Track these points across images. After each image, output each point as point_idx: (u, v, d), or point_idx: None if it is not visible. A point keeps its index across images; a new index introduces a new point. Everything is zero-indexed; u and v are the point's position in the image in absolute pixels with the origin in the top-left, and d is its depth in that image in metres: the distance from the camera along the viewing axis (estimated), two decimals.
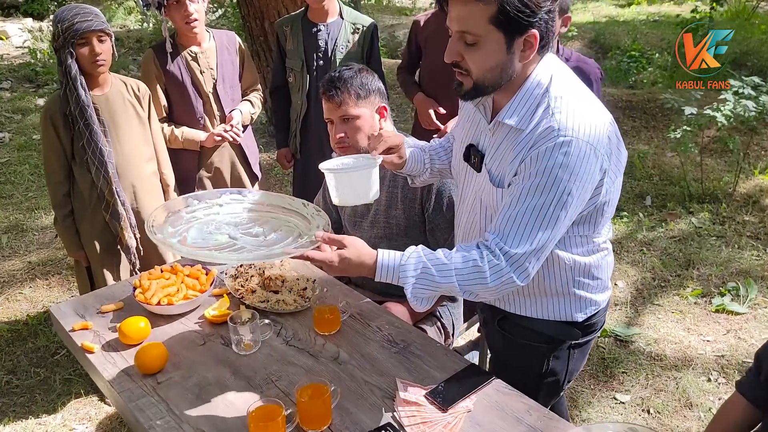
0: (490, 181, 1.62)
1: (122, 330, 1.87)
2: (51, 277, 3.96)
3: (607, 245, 1.72)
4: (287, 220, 1.73)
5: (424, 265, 1.54)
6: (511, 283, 1.52)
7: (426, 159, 1.95)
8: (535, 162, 1.48)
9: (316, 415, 1.55)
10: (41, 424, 2.85)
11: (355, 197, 1.74)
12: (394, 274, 1.54)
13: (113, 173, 2.61)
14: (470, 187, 1.74)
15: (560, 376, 1.81)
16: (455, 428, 1.56)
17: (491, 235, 1.54)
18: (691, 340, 3.26)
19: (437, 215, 2.18)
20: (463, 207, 1.79)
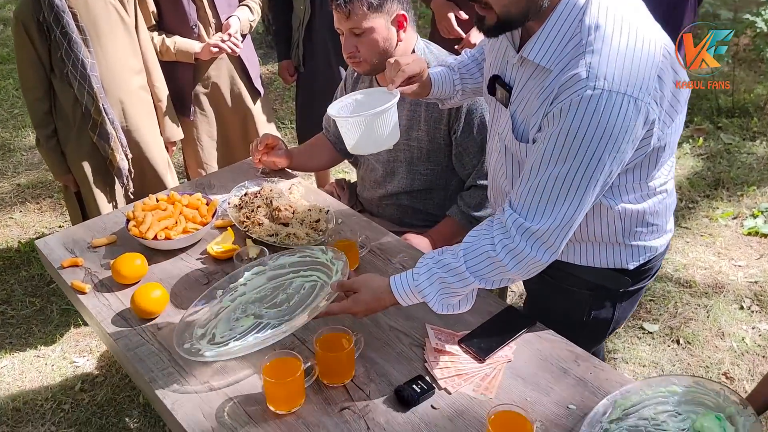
0: (512, 131, 1.39)
1: (116, 268, 1.67)
2: (42, 201, 3.74)
3: (666, 186, 1.46)
4: (309, 276, 1.60)
5: (438, 277, 1.34)
6: (535, 263, 1.31)
7: (455, 79, 1.69)
8: (558, 120, 1.22)
9: (338, 368, 1.37)
10: (40, 357, 2.71)
11: (371, 145, 1.53)
12: (413, 295, 1.37)
13: (98, 88, 2.34)
14: (497, 124, 1.50)
15: (603, 326, 1.62)
16: (494, 381, 1.38)
17: (508, 210, 1.31)
18: (722, 266, 3.08)
19: (466, 138, 1.93)
20: (492, 144, 1.56)
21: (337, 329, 1.40)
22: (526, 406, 1.32)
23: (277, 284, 1.60)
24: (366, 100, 1.62)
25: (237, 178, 2.17)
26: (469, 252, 1.33)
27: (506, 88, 1.41)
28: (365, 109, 1.56)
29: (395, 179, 2.06)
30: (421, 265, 1.37)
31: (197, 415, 1.33)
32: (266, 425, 1.30)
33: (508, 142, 1.42)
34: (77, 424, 2.41)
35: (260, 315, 1.52)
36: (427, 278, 1.35)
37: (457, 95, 1.72)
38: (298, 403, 1.33)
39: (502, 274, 1.33)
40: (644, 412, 1.28)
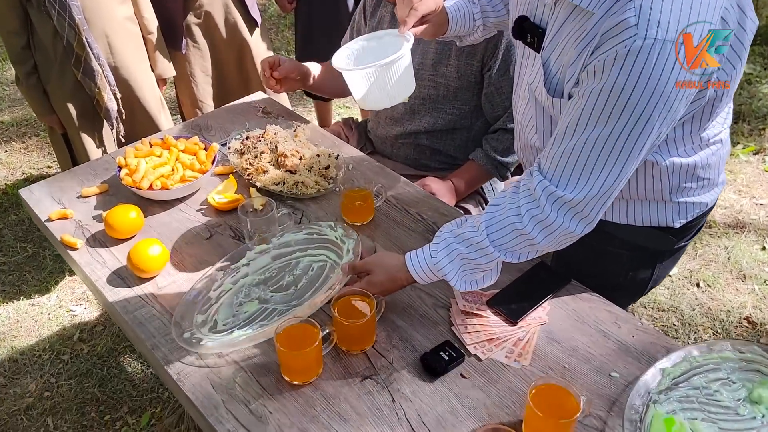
0: (544, 83, 1.21)
1: (109, 222, 1.53)
2: (28, 140, 3.55)
3: (721, 136, 1.29)
4: (317, 255, 1.44)
5: (459, 253, 1.21)
6: (567, 235, 1.16)
7: (476, 13, 1.50)
8: (600, 74, 1.04)
9: (358, 334, 1.25)
10: (35, 305, 2.61)
11: (385, 99, 1.37)
12: (432, 273, 1.24)
13: (80, 19, 2.13)
14: (526, 71, 1.31)
15: (641, 286, 1.49)
16: (528, 347, 1.27)
17: (537, 175, 1.15)
18: (743, 204, 2.96)
19: (501, 77, 1.75)
20: (519, 93, 1.38)
21: (356, 291, 1.28)
22: (565, 374, 1.21)
23: (283, 264, 1.45)
24: (375, 46, 1.44)
25: (236, 118, 1.99)
26: (492, 223, 1.18)
27: (537, 30, 1.23)
28: (375, 56, 1.38)
29: (417, 117, 1.88)
30: (438, 240, 1.24)
31: (206, 386, 1.22)
32: (281, 397, 1.19)
33: (539, 93, 1.25)
34: (78, 375, 2.33)
35: (266, 299, 1.37)
36: (447, 254, 1.21)
37: (478, 31, 1.53)
38: (315, 373, 1.22)
39: (530, 246, 1.19)
40: (695, 381, 1.17)
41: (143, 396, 2.26)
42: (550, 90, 1.21)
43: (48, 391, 2.29)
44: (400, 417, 1.15)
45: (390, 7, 1.85)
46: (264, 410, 1.17)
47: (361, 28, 1.96)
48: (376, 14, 1.89)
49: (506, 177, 1.91)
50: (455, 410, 1.16)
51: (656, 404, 1.13)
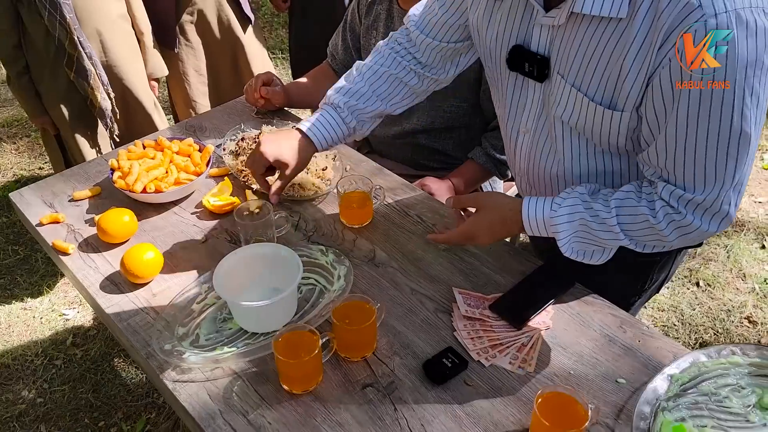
0: (585, 95, 1.13)
1: (102, 227, 1.49)
2: (19, 141, 3.51)
3: None
4: (306, 278, 1.38)
5: (581, 218, 1.16)
6: (704, 234, 1.13)
7: (353, 127, 1.47)
8: (676, 75, 1.00)
9: (359, 341, 1.22)
10: (27, 309, 2.57)
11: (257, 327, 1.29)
12: (545, 227, 1.20)
13: (72, 18, 2.08)
14: (531, 99, 1.25)
15: (657, 285, 1.47)
16: (533, 353, 1.24)
17: (661, 184, 1.11)
18: (742, 202, 2.94)
19: None
20: (515, 128, 1.32)
21: (355, 297, 1.24)
22: (570, 380, 1.18)
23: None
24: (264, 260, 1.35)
25: (231, 119, 1.96)
26: (623, 208, 1.14)
27: (536, 58, 1.18)
28: (265, 268, 1.33)
29: (414, 116, 1.85)
30: (565, 196, 1.18)
31: (203, 396, 1.19)
32: (280, 407, 1.16)
33: (574, 111, 1.17)
34: (71, 380, 2.29)
35: None
36: (569, 213, 1.17)
37: (356, 132, 1.49)
38: (315, 382, 1.19)
39: (659, 241, 1.15)
40: (704, 387, 1.15)
41: (138, 401, 2.22)
42: (593, 99, 1.13)
43: (41, 397, 2.25)
44: (402, 426, 1.12)
45: (385, 5, 1.82)
46: (263, 420, 1.14)
47: (355, 26, 1.93)
48: (371, 13, 1.86)
49: (506, 175, 1.88)
50: (459, 419, 1.13)
51: (665, 411, 1.11)
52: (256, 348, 1.24)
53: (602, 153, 1.23)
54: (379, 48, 1.50)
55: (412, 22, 1.45)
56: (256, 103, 1.89)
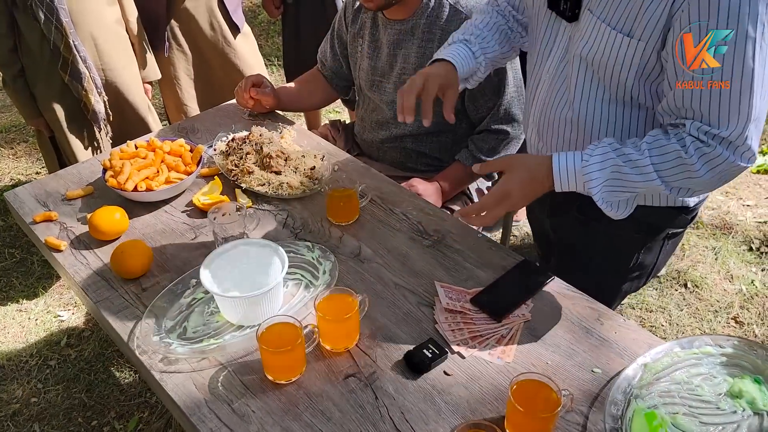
0: (608, 25, 1.21)
1: (94, 224, 1.53)
2: (16, 146, 3.54)
3: None
4: (293, 274, 1.43)
5: (614, 164, 1.20)
6: (735, 169, 1.17)
7: (475, 50, 1.48)
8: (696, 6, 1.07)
9: (342, 332, 1.25)
10: (22, 311, 2.60)
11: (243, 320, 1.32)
12: (576, 180, 1.22)
13: (67, 22, 2.13)
14: (558, 41, 1.33)
15: (645, 271, 1.51)
16: (511, 344, 1.27)
17: (688, 122, 1.16)
18: (730, 206, 2.98)
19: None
20: (538, 75, 1.40)
21: (338, 290, 1.28)
22: (548, 370, 1.21)
23: None
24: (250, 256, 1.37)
25: (222, 121, 2.00)
26: (654, 149, 1.18)
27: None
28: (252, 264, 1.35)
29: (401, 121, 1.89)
30: (594, 147, 1.23)
31: (189, 386, 1.22)
32: (264, 396, 1.19)
33: (593, 46, 1.24)
34: (65, 380, 2.32)
35: None
36: (600, 161, 1.20)
37: (480, 68, 1.51)
38: (298, 372, 1.22)
39: (690, 180, 1.19)
40: (677, 375, 1.18)
41: (131, 401, 2.25)
42: (617, 28, 1.20)
43: (35, 396, 2.27)
44: (383, 414, 1.15)
45: (370, 13, 1.86)
46: (247, 409, 1.17)
47: (342, 34, 1.97)
48: (357, 21, 1.90)
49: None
50: (438, 407, 1.16)
51: (638, 399, 1.14)
52: (241, 340, 1.27)
53: (609, 101, 1.30)
54: (484, 9, 1.57)
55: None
56: (246, 105, 1.93)
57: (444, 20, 1.72)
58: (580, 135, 1.36)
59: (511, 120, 1.81)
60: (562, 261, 1.60)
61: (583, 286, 1.39)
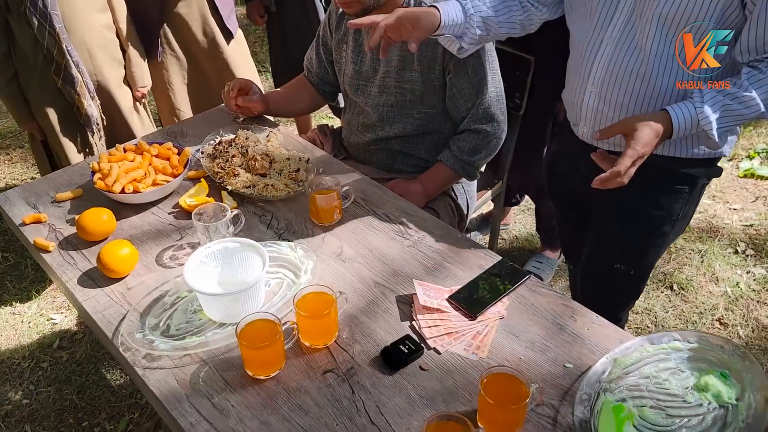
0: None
1: (81, 225, 1.56)
2: (12, 151, 3.58)
3: None
4: (275, 273, 1.46)
5: (723, 103, 1.33)
6: None
7: (472, 20, 1.55)
8: None
9: (320, 329, 1.28)
10: (15, 314, 2.62)
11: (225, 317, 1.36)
12: (693, 126, 1.35)
13: (60, 27, 2.17)
14: (621, 7, 1.41)
15: (688, 219, 1.69)
16: (486, 340, 1.30)
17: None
18: (717, 209, 3.01)
19: (461, 79, 1.79)
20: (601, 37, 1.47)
21: (318, 287, 1.31)
22: (521, 365, 1.24)
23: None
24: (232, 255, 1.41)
25: (211, 126, 2.03)
26: (754, 82, 1.31)
27: None
28: (234, 263, 1.40)
29: (387, 124, 1.93)
30: (699, 94, 1.34)
31: (170, 381, 1.24)
32: (244, 391, 1.22)
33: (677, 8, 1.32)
34: (57, 382, 2.34)
35: None
36: (712, 105, 1.33)
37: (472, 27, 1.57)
38: (277, 368, 1.25)
39: None
40: (645, 370, 1.21)
41: (121, 402, 2.27)
42: None
43: (27, 398, 2.30)
44: (359, 408, 1.18)
45: None
46: (226, 404, 1.20)
47: (327, 41, 2.01)
48: (341, 27, 1.94)
49: (474, 176, 1.95)
50: (413, 401, 1.19)
51: (607, 392, 1.17)
52: (222, 337, 1.30)
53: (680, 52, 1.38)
54: None
55: None
56: (233, 108, 1.97)
57: None
58: (650, 88, 1.45)
59: (491, 119, 1.85)
60: (604, 225, 1.72)
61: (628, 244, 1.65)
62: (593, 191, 1.41)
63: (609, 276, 1.76)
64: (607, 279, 1.79)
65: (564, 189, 1.85)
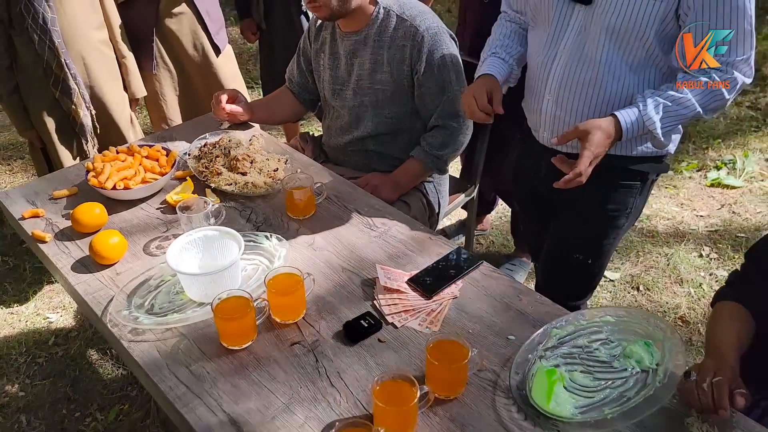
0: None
1: (75, 217, 1.70)
2: (13, 162, 3.74)
3: None
4: (251, 259, 1.62)
5: (664, 106, 1.50)
6: (742, 87, 1.50)
7: (511, 63, 1.77)
8: None
9: (288, 305, 1.42)
10: (13, 314, 2.75)
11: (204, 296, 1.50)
12: (639, 127, 1.51)
13: (60, 43, 2.33)
14: (573, 21, 1.58)
15: (639, 213, 1.84)
16: (439, 316, 1.44)
17: (731, 61, 1.46)
18: (684, 216, 3.16)
19: (428, 78, 1.96)
20: (556, 49, 1.63)
21: (288, 269, 1.45)
22: (469, 338, 1.37)
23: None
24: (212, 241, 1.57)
25: (198, 132, 2.18)
26: (689, 87, 1.48)
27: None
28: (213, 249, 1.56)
29: (362, 123, 2.09)
30: (641, 98, 1.51)
31: (153, 352, 1.38)
32: (219, 360, 1.36)
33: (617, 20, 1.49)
34: (51, 375, 2.47)
35: None
36: (654, 107, 1.49)
37: (514, 72, 1.80)
38: (249, 339, 1.38)
39: (720, 103, 1.50)
40: (578, 340, 1.35)
41: (112, 394, 2.39)
42: None
43: (23, 391, 2.42)
44: (321, 374, 1.32)
45: (329, 30, 2.07)
46: (202, 371, 1.33)
47: (307, 51, 2.18)
48: (318, 37, 2.11)
49: (444, 171, 2.11)
50: (370, 368, 1.32)
51: (542, 359, 1.30)
52: (201, 313, 1.44)
53: (629, 61, 1.55)
54: (499, 23, 1.84)
55: (505, 7, 1.84)
56: (221, 116, 2.12)
57: (392, 29, 1.93)
58: (601, 94, 1.61)
59: (456, 115, 2.01)
60: (564, 219, 1.87)
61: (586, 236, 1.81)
62: (555, 191, 1.55)
63: (569, 266, 1.90)
64: (566, 269, 1.92)
65: (528, 190, 2.00)
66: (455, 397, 1.25)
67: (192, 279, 1.47)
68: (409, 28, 1.92)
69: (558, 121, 1.69)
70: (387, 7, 1.94)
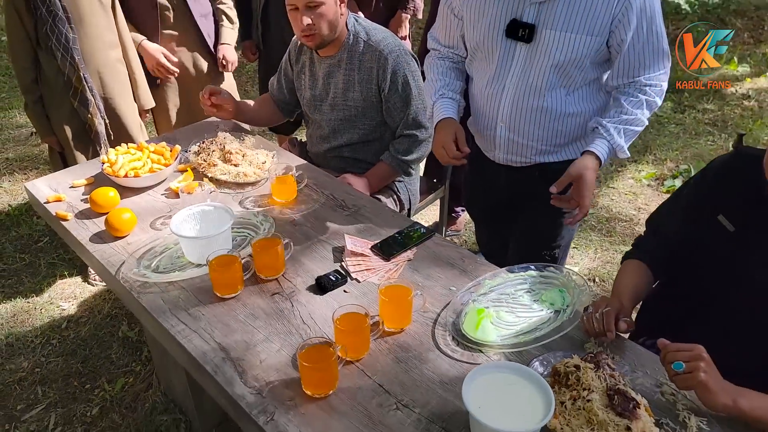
0: (570, 32, 1.71)
1: (93, 199, 2.01)
2: (29, 172, 4.07)
3: None
4: (240, 231, 1.93)
5: (624, 128, 1.78)
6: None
7: (458, 99, 2.01)
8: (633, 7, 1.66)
9: (270, 263, 1.72)
10: (29, 303, 3.04)
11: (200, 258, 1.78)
12: (611, 153, 1.80)
13: (79, 59, 2.67)
14: (517, 57, 1.81)
15: None
16: (395, 273, 1.74)
17: (640, 78, 1.76)
18: (640, 218, 3.46)
19: (393, 95, 2.28)
20: (497, 90, 1.86)
21: (270, 235, 1.75)
22: (417, 288, 1.67)
23: None
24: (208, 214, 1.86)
25: (199, 134, 2.50)
26: (633, 104, 1.77)
27: (527, 25, 1.74)
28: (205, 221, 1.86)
29: (338, 135, 2.41)
30: (602, 129, 1.78)
31: (157, 300, 1.68)
32: (212, 306, 1.65)
33: (559, 54, 1.73)
34: (64, 354, 2.75)
35: None
36: (617, 133, 1.77)
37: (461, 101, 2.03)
38: (237, 290, 1.68)
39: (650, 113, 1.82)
40: (506, 289, 1.64)
41: (118, 369, 2.67)
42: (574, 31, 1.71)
43: (38, 367, 2.70)
44: (295, 315, 1.61)
45: (308, 55, 2.39)
46: (198, 313, 1.63)
47: (288, 72, 2.51)
48: (299, 61, 2.44)
49: (409, 173, 2.42)
50: (334, 309, 1.61)
51: (474, 302, 1.60)
52: (198, 272, 1.74)
53: (571, 85, 1.80)
54: (430, 62, 2.07)
55: (435, 45, 2.07)
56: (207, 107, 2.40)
57: (360, 52, 2.26)
58: (549, 118, 1.86)
59: (419, 126, 2.32)
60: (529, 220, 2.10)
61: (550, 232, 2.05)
62: (520, 198, 1.85)
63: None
64: None
65: (484, 204, 2.25)
66: (402, 329, 1.55)
67: (191, 242, 1.77)
68: (374, 52, 2.23)
69: (513, 143, 1.94)
70: (356, 34, 2.27)
